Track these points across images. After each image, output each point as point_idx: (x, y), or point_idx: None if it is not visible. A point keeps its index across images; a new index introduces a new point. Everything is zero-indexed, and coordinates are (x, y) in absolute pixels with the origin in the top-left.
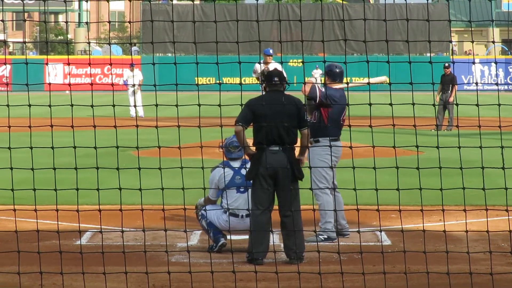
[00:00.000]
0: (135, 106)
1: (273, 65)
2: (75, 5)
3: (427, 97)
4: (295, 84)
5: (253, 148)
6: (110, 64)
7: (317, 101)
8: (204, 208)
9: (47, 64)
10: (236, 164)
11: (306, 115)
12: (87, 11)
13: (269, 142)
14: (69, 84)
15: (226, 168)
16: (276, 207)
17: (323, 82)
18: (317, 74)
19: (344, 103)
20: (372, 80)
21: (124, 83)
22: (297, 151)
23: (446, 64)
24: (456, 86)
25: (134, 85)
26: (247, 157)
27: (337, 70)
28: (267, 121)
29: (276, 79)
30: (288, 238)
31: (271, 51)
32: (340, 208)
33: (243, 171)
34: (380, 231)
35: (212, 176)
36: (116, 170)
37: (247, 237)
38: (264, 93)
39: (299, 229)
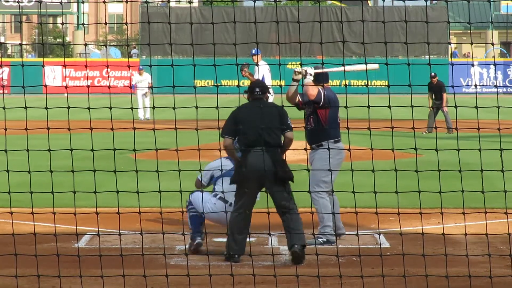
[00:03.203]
0: (144, 108)
1: (262, 67)
2: (74, 7)
3: (426, 99)
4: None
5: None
6: (107, 66)
7: (321, 104)
8: (192, 194)
9: (43, 66)
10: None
11: (289, 120)
12: (83, 13)
13: (252, 145)
14: (66, 87)
15: (227, 160)
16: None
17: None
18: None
19: (338, 102)
20: (349, 67)
21: (133, 87)
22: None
23: (432, 74)
24: (445, 94)
25: (143, 89)
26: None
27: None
28: (248, 125)
29: (257, 89)
30: (289, 233)
31: (253, 51)
32: (337, 210)
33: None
34: (379, 233)
35: (210, 163)
36: (113, 172)
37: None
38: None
39: (297, 226)
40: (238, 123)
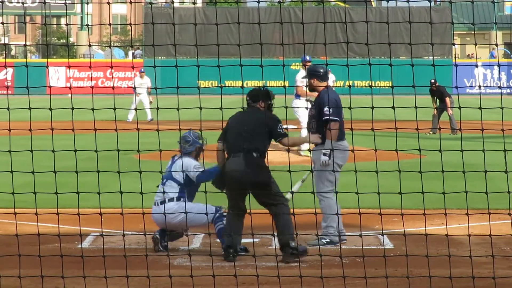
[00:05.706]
0: (136, 109)
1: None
2: (78, 8)
3: (429, 100)
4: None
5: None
6: (111, 67)
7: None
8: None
9: (47, 67)
10: (177, 157)
11: (280, 126)
12: (87, 14)
13: (234, 149)
14: (70, 87)
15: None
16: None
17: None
18: (330, 81)
19: (340, 103)
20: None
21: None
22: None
23: (432, 81)
24: (447, 98)
25: (141, 91)
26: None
27: (322, 71)
28: (231, 131)
29: (248, 98)
30: (278, 235)
31: (307, 57)
32: (339, 211)
33: (179, 162)
34: (382, 234)
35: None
36: (117, 173)
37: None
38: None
39: (284, 228)
40: (226, 129)
